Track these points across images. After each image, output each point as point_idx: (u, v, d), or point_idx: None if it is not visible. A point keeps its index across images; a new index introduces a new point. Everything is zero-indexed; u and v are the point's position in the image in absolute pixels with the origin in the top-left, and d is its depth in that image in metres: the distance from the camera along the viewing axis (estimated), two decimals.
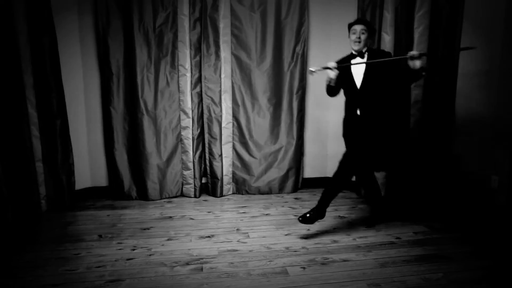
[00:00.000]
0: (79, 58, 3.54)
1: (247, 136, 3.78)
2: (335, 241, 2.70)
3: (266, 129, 3.81)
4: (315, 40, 3.83)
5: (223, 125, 3.70)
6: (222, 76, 3.63)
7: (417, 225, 2.97)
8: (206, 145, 3.72)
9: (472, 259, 2.42)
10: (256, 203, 3.56)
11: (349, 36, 2.75)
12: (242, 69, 3.68)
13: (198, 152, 3.70)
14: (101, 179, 3.77)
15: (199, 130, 3.69)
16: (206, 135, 3.70)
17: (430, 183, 3.38)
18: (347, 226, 2.99)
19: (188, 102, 3.60)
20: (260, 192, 3.84)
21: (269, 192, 3.85)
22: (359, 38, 2.67)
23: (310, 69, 2.77)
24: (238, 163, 3.83)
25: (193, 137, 3.65)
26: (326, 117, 3.97)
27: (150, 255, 2.50)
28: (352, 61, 2.75)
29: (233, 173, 3.84)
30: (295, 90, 3.77)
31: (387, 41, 3.37)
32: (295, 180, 3.91)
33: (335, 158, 3.96)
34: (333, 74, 2.69)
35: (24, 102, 3.05)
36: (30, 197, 3.14)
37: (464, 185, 3.37)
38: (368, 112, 2.70)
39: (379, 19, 3.40)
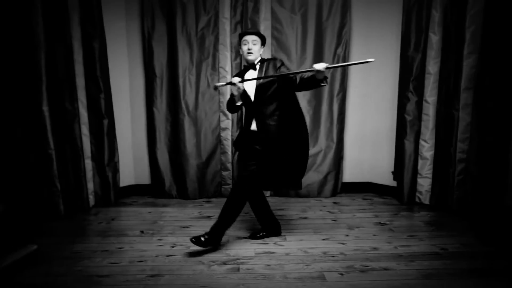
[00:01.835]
0: (126, 60, 3.71)
1: None
2: (375, 249, 2.61)
3: None
4: (357, 41, 3.74)
5: None
6: None
7: (465, 236, 2.80)
8: None
9: None
10: (294, 206, 3.54)
11: (240, 47, 2.62)
12: None
13: (237, 153, 3.74)
14: (144, 177, 3.91)
15: (238, 132, 3.73)
16: None
17: (481, 191, 3.17)
18: (388, 233, 2.89)
19: None
20: (298, 195, 3.80)
21: (307, 195, 3.80)
22: (250, 49, 2.54)
23: (216, 84, 2.65)
24: None
25: (232, 138, 3.70)
26: (368, 121, 3.86)
27: (188, 253, 2.56)
28: (246, 75, 2.60)
29: None
30: (335, 93, 3.71)
31: (434, 42, 3.23)
32: (334, 184, 3.83)
33: (375, 163, 3.87)
34: (236, 90, 2.54)
35: (76, 103, 3.25)
36: (79, 192, 3.33)
37: None
38: (264, 125, 2.53)
39: (426, 19, 3.26)
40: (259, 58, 2.63)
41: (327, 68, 2.26)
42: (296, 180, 2.67)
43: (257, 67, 2.61)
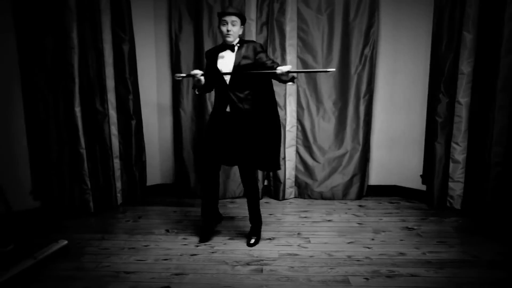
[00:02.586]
0: (154, 62, 3.80)
1: (311, 140, 3.74)
2: (401, 254, 2.54)
3: (331, 133, 3.73)
4: (385, 41, 3.66)
5: (287, 128, 3.69)
6: None
7: (500, 244, 2.66)
8: None
9: None
10: (318, 208, 3.49)
11: (218, 27, 2.54)
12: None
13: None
14: (170, 177, 3.98)
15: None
16: None
17: None
18: (416, 238, 2.80)
19: None
20: (322, 197, 3.76)
21: (332, 197, 3.75)
22: (229, 30, 2.47)
23: (176, 75, 2.58)
24: (301, 167, 3.79)
25: None
26: (395, 122, 3.76)
27: (212, 252, 2.58)
28: (220, 54, 2.56)
29: (296, 177, 3.81)
30: (362, 94, 3.64)
31: (468, 40, 3.10)
32: (360, 186, 3.76)
33: (403, 166, 3.77)
34: (196, 82, 2.53)
35: (106, 104, 3.35)
36: (108, 191, 3.43)
37: None
38: (238, 108, 2.52)
39: (460, 17, 3.13)
40: (238, 40, 2.57)
41: (288, 72, 2.26)
42: (273, 162, 2.67)
43: (236, 48, 2.55)
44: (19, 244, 2.55)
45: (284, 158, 3.71)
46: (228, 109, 2.56)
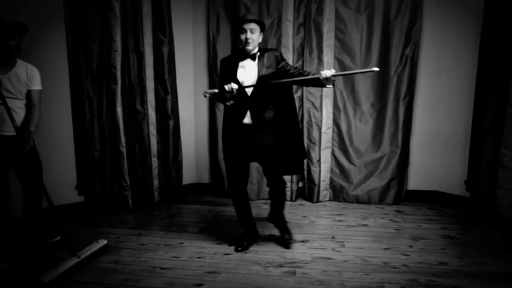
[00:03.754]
0: (191, 63, 3.88)
1: (347, 142, 3.66)
2: (442, 263, 2.42)
3: (368, 136, 3.63)
4: (428, 40, 3.51)
5: (322, 130, 3.64)
6: None
7: None
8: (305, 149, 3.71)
9: None
10: (354, 212, 3.41)
11: (237, 35, 2.45)
12: None
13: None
14: (205, 177, 4.05)
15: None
16: (305, 140, 3.68)
17: None
18: (459, 248, 2.65)
19: None
20: (358, 201, 3.67)
21: (368, 201, 3.65)
22: (249, 38, 2.37)
23: (206, 91, 2.43)
24: (336, 170, 3.72)
25: None
26: (437, 125, 3.59)
27: (245, 252, 2.59)
28: (241, 63, 2.44)
29: (331, 179, 3.75)
30: (402, 96, 3.51)
31: None
32: (398, 191, 3.63)
33: (445, 171, 3.59)
34: (229, 94, 2.34)
35: (146, 104, 3.47)
36: (146, 188, 3.55)
37: None
38: (259, 118, 2.43)
39: None
40: (257, 48, 2.47)
41: (333, 75, 2.24)
42: (298, 165, 2.67)
43: (256, 57, 2.46)
44: (65, 236, 2.70)
45: (319, 160, 3.66)
46: (246, 121, 2.45)
